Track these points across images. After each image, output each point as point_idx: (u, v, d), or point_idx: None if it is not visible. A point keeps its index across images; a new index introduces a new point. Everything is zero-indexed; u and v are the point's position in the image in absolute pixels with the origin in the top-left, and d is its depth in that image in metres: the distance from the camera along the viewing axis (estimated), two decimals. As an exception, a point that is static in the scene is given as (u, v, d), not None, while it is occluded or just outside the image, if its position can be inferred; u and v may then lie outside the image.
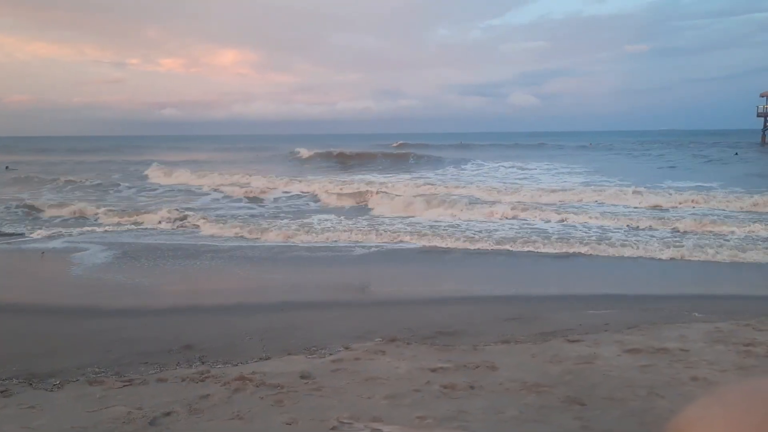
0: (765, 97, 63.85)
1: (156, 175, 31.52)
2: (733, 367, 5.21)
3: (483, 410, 4.41)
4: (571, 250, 12.21)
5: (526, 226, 15.39)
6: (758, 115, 64.40)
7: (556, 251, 12.23)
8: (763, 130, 64.74)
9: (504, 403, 4.52)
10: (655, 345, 5.81)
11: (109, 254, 12.33)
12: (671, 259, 11.41)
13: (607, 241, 12.83)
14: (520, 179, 28.92)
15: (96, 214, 17.99)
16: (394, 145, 66.78)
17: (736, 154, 51.41)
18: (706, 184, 24.62)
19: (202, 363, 5.77)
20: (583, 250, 12.15)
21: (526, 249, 12.47)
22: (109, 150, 67.18)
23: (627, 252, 11.95)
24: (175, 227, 16.15)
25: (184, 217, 16.97)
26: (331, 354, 5.88)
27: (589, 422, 4.18)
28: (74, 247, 13.23)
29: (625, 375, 5.03)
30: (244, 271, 11.29)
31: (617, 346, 5.82)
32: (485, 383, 4.92)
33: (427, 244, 13.25)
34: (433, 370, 5.25)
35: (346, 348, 6.04)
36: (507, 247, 12.65)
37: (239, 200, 22.85)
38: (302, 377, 5.16)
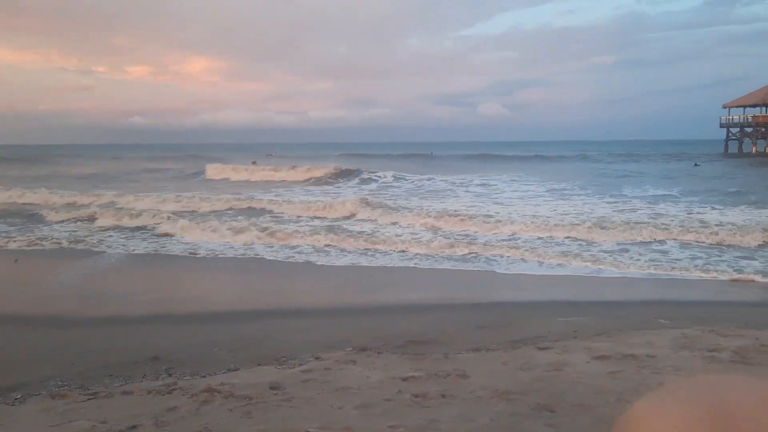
0: (728, 109, 65.54)
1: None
2: (699, 372, 5.28)
3: (454, 419, 4.40)
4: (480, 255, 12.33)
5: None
6: (721, 126, 66.01)
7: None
8: (726, 141, 66.35)
9: (475, 411, 4.51)
10: (623, 351, 5.87)
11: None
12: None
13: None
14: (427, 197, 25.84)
15: None
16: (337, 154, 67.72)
17: (696, 164, 52.68)
18: (661, 193, 25.40)
19: (170, 375, 5.66)
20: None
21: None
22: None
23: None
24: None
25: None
26: (301, 364, 5.81)
27: (560, 428, 4.19)
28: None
29: (594, 381, 5.07)
30: (212, 280, 11.16)
31: (586, 353, 5.86)
32: (457, 391, 4.91)
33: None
34: (405, 379, 5.23)
35: (317, 358, 5.99)
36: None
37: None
38: (272, 388, 5.09)
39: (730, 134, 65.55)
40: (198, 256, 13.29)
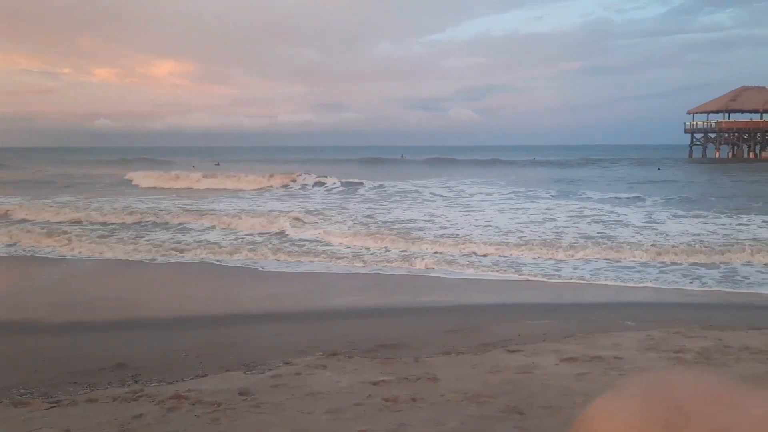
0: (692, 115, 66.99)
1: None
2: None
3: (425, 422, 4.40)
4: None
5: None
6: (686, 131, 67.46)
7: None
8: (690, 146, 67.78)
9: (445, 415, 4.52)
10: (590, 353, 5.94)
11: None
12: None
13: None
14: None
15: None
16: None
17: (659, 169, 53.86)
18: (622, 196, 25.92)
19: (136, 382, 5.56)
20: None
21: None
22: None
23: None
24: None
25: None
26: (270, 369, 5.76)
27: (529, 431, 4.22)
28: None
29: (563, 383, 5.11)
30: (179, 284, 11.02)
31: (555, 356, 5.92)
32: (427, 395, 4.91)
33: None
34: (375, 384, 5.22)
35: (287, 363, 5.94)
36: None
37: None
38: (240, 394, 5.03)
39: (694, 140, 67.00)
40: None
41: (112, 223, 18.52)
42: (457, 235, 15.51)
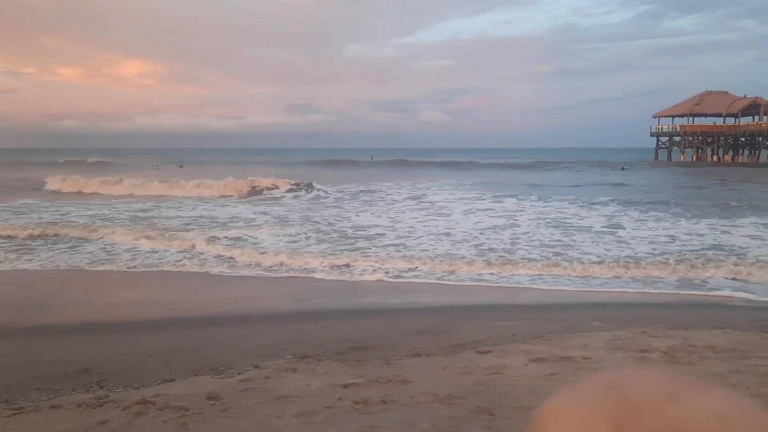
0: (657, 118, 68.27)
1: None
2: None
3: (395, 424, 4.40)
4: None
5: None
6: (652, 135, 68.74)
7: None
8: (656, 149, 69.06)
9: (416, 416, 4.52)
10: (559, 354, 6.00)
11: None
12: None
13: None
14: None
15: None
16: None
17: (623, 168, 54.97)
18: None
19: (101, 387, 5.45)
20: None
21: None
22: None
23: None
24: None
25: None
26: (239, 373, 5.70)
27: (499, 431, 4.24)
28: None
29: (532, 384, 5.15)
30: (146, 286, 10.85)
31: (524, 356, 5.96)
32: (397, 397, 4.91)
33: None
34: (345, 386, 5.20)
35: (256, 367, 5.88)
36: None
37: None
38: (209, 398, 4.97)
39: (660, 143, 68.28)
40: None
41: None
42: (408, 245, 14.45)
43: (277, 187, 31.72)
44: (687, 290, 10.44)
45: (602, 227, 17.54)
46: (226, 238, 15.55)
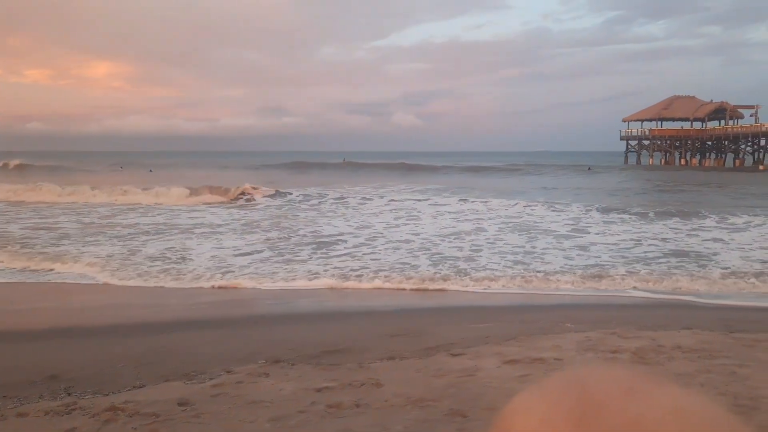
0: (627, 122, 69.38)
1: None
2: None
3: (369, 427, 4.39)
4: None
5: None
6: (621, 138, 69.84)
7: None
8: (626, 153, 70.14)
9: (389, 419, 4.52)
10: (532, 355, 6.05)
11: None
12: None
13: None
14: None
15: None
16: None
17: (589, 168, 55.93)
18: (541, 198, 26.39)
19: (69, 394, 5.34)
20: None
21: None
22: None
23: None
24: None
25: None
26: (211, 378, 5.63)
27: (472, 434, 4.25)
28: None
29: (505, 385, 5.18)
30: (113, 288, 10.69)
31: (497, 358, 6.00)
32: (371, 400, 4.90)
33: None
34: (319, 390, 5.17)
35: (228, 372, 5.82)
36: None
37: None
38: (180, 404, 4.90)
39: (629, 147, 69.36)
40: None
41: None
42: (360, 256, 13.79)
43: (247, 194, 29.89)
44: (651, 293, 10.53)
45: (567, 231, 17.70)
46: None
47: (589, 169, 56.36)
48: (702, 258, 13.19)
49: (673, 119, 66.61)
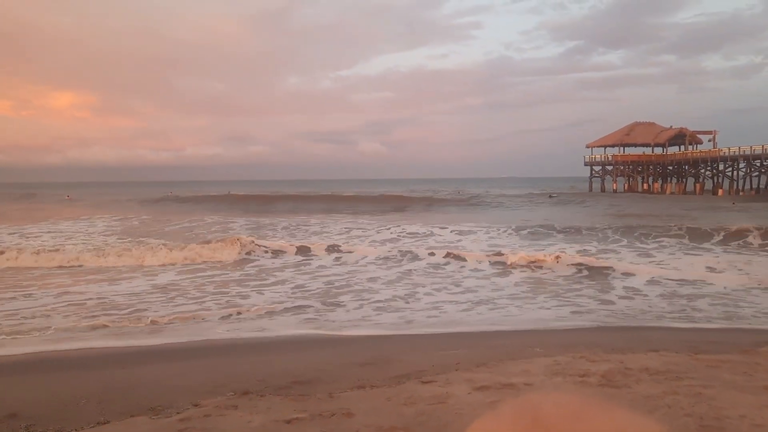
0: (590, 148, 70.66)
1: None
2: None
3: (339, 459, 4.32)
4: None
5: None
6: (585, 164, 71.02)
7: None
8: (590, 178, 71.31)
9: (360, 450, 4.45)
10: (502, 381, 6.05)
11: None
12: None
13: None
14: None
15: None
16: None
17: (551, 196, 56.60)
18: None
19: (29, 432, 5.17)
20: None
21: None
22: None
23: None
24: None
25: None
26: (178, 413, 5.51)
27: (444, 462, 4.22)
28: None
29: (476, 412, 5.12)
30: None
31: (468, 384, 5.98)
32: (342, 430, 4.84)
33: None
34: (288, 422, 5.09)
35: (195, 405, 5.70)
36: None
37: None
38: (146, 439, 4.77)
39: (594, 172, 70.55)
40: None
41: None
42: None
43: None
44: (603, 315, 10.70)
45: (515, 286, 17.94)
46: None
47: (551, 196, 57.00)
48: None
49: (635, 145, 68.13)
